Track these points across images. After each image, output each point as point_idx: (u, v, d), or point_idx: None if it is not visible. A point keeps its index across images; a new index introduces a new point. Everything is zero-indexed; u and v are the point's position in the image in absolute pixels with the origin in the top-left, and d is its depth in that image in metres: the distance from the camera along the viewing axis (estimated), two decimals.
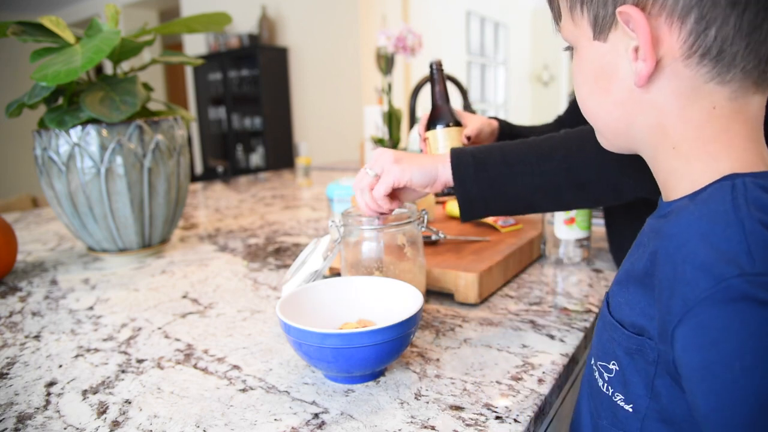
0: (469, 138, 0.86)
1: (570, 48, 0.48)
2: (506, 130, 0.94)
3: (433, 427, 0.48)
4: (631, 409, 0.42)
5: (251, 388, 0.57)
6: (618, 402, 0.44)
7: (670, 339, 0.36)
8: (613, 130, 0.46)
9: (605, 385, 0.46)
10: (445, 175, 0.64)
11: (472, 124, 0.88)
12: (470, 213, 0.65)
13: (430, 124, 0.82)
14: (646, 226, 0.45)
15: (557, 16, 0.48)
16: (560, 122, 1.03)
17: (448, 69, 0.86)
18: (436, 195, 0.82)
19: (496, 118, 0.95)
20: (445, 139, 0.83)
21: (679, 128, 0.40)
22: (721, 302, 0.32)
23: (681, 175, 0.42)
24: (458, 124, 0.85)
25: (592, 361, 0.49)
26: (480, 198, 0.63)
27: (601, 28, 0.41)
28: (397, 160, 0.64)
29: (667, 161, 0.42)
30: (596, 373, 0.48)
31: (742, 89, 0.38)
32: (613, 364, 0.44)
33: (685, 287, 0.34)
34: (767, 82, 0.39)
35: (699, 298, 0.33)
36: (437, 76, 0.84)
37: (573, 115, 1.01)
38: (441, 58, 0.86)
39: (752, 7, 0.35)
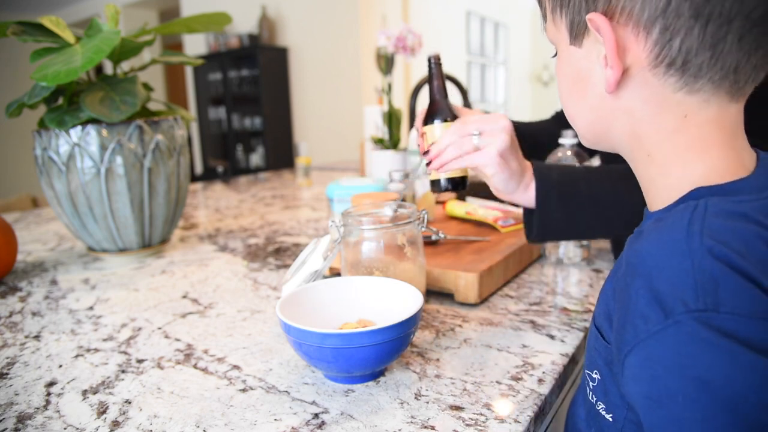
0: None
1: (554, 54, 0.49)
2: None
3: (433, 427, 0.48)
4: (611, 419, 0.42)
5: (251, 388, 0.57)
6: (600, 411, 0.44)
7: (621, 366, 0.36)
8: (592, 132, 0.46)
9: (590, 393, 0.46)
10: (525, 198, 0.68)
11: (464, 114, 0.86)
12: (542, 239, 0.70)
13: (428, 119, 0.81)
14: (629, 238, 0.45)
15: (544, 17, 0.48)
16: (558, 118, 1.02)
17: (448, 69, 0.83)
18: (433, 190, 0.81)
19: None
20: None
21: (653, 136, 0.41)
22: (667, 338, 0.33)
23: (658, 182, 0.42)
24: (456, 119, 0.84)
25: (584, 368, 0.49)
26: (558, 229, 0.67)
27: (576, 33, 0.42)
28: (501, 152, 0.65)
29: (645, 168, 0.43)
30: (585, 380, 0.48)
31: (715, 98, 0.38)
32: (596, 373, 0.44)
33: (638, 319, 0.35)
34: (741, 92, 0.38)
35: (649, 332, 0.34)
36: (435, 71, 0.82)
37: None
38: (439, 52, 0.84)
39: (714, 20, 0.35)
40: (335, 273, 0.88)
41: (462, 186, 0.76)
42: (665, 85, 0.38)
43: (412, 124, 1.49)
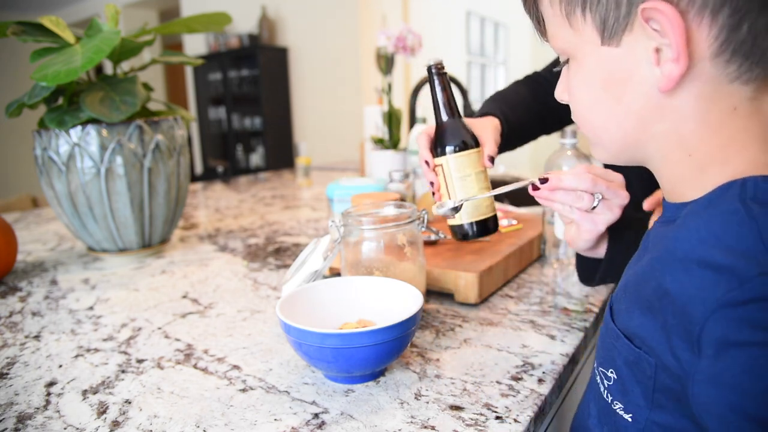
0: (492, 159, 0.68)
1: (563, 62, 0.45)
2: (506, 129, 0.81)
3: (433, 427, 0.48)
4: (630, 419, 0.41)
5: (251, 388, 0.57)
6: (617, 410, 0.43)
7: (697, 346, 0.34)
8: (621, 142, 0.43)
9: (605, 392, 0.45)
10: (589, 251, 0.61)
11: (490, 139, 0.70)
12: (599, 284, 0.65)
13: (438, 147, 0.65)
14: (651, 230, 0.44)
15: (541, 27, 0.46)
16: (533, 82, 0.92)
17: (448, 69, 0.69)
18: (456, 237, 0.66)
19: (492, 114, 0.81)
20: (460, 169, 0.64)
21: (698, 133, 0.38)
22: (747, 302, 0.31)
23: (692, 180, 0.40)
24: (474, 142, 0.66)
25: (596, 365, 0.48)
26: (617, 274, 0.63)
27: (613, 31, 0.38)
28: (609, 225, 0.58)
29: (679, 168, 0.40)
30: (598, 378, 0.47)
31: (762, 88, 0.37)
32: (612, 372, 0.43)
33: (704, 292, 0.33)
34: None
35: (722, 300, 0.32)
36: (438, 81, 0.65)
37: (553, 74, 0.91)
38: (441, 58, 0.67)
39: None
40: (335, 273, 0.88)
41: (493, 230, 0.65)
42: (722, 75, 0.36)
43: (412, 124, 1.48)
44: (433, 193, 0.65)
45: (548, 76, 0.91)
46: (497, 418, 0.50)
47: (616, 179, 0.56)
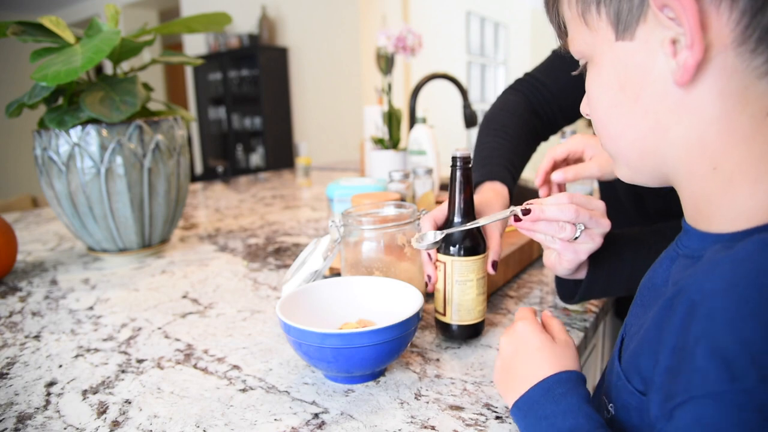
0: (495, 265, 0.64)
1: (582, 68, 0.43)
2: (513, 188, 0.76)
3: (433, 427, 0.48)
4: None
5: (251, 388, 0.57)
6: None
7: (668, 415, 0.31)
8: (640, 149, 0.39)
9: (606, 416, 0.43)
10: (581, 274, 0.60)
11: (495, 237, 0.65)
12: (578, 302, 0.65)
13: (447, 246, 0.61)
14: (675, 264, 0.40)
15: (561, 31, 0.44)
16: (530, 85, 0.90)
17: (447, 69, 0.73)
18: (443, 335, 0.65)
19: (499, 179, 0.74)
20: (463, 273, 0.61)
21: (723, 140, 0.34)
22: (727, 405, 0.28)
23: (719, 201, 0.35)
24: (482, 246, 0.62)
25: (603, 392, 0.45)
26: (596, 294, 0.62)
27: (626, 24, 0.36)
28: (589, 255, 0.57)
29: (704, 184, 0.36)
30: (603, 403, 0.44)
31: None
32: (611, 407, 0.41)
33: (694, 373, 0.29)
34: None
35: (705, 391, 0.29)
36: (460, 176, 0.60)
37: (546, 75, 0.89)
38: (469, 152, 0.61)
39: None
40: (335, 273, 0.88)
41: (476, 334, 0.64)
42: (748, 69, 0.32)
43: (412, 124, 1.48)
44: (426, 284, 0.64)
45: (540, 77, 0.89)
46: (497, 418, 0.50)
47: (598, 207, 0.55)
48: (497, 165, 0.76)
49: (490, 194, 0.70)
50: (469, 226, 0.59)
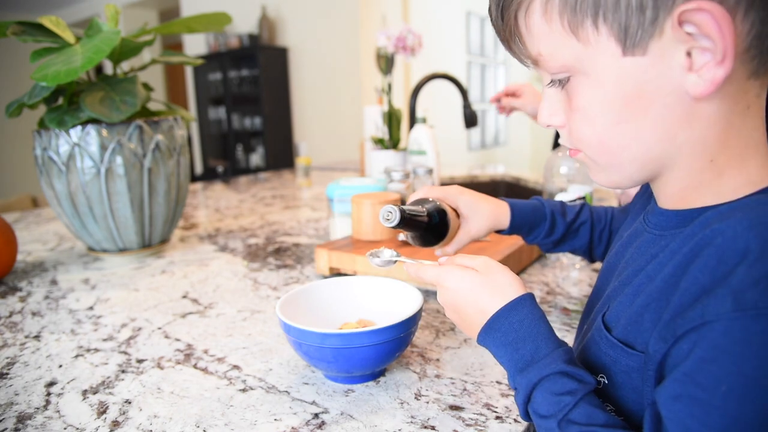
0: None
1: (555, 81, 0.41)
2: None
3: (433, 427, 0.48)
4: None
5: (251, 388, 0.57)
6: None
7: (673, 340, 0.33)
8: (643, 160, 0.39)
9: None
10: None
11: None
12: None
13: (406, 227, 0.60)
14: (643, 240, 0.42)
15: (520, 49, 0.42)
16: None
17: (448, 69, 0.72)
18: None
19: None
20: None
21: (722, 136, 0.36)
22: (736, 328, 0.30)
23: (709, 187, 0.38)
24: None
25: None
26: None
27: (638, 39, 0.35)
28: None
29: (699, 175, 0.38)
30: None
31: (766, 82, 0.36)
32: (601, 377, 0.41)
33: (709, 298, 0.31)
34: None
35: (718, 314, 0.30)
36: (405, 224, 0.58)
37: None
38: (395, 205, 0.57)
39: None
40: (335, 273, 0.88)
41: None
42: (743, 72, 0.35)
43: (412, 124, 1.48)
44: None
45: None
46: (497, 418, 0.50)
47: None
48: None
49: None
50: (401, 258, 0.56)
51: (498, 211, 0.67)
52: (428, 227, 0.61)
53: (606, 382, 0.41)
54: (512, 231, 0.69)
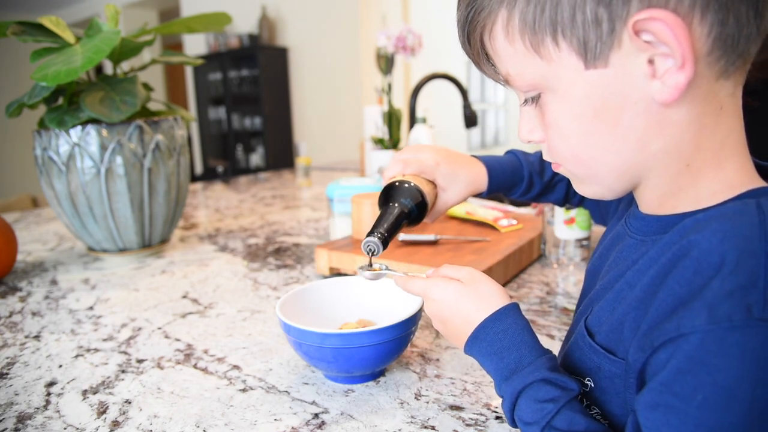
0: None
1: (528, 99, 0.42)
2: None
3: (433, 427, 0.48)
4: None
5: (251, 388, 0.57)
6: (595, 416, 0.42)
7: (651, 350, 0.33)
8: (619, 170, 0.40)
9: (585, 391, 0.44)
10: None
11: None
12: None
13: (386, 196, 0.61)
14: (626, 245, 0.43)
15: (492, 70, 0.43)
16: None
17: (447, 69, 0.75)
18: None
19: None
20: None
21: (696, 140, 0.36)
22: (713, 340, 0.30)
23: (687, 191, 0.38)
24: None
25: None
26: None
27: (598, 51, 0.35)
28: None
29: (676, 180, 0.38)
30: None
31: (739, 81, 0.36)
32: (588, 380, 0.42)
33: (685, 311, 0.31)
34: (747, 63, 0.36)
35: (695, 328, 0.31)
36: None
37: None
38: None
39: None
40: (335, 273, 0.88)
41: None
42: (711, 73, 0.35)
43: (412, 124, 1.49)
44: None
45: None
46: (497, 418, 0.50)
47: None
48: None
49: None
50: (390, 271, 0.56)
51: (476, 177, 0.69)
52: (410, 221, 0.61)
53: (593, 385, 0.42)
54: (489, 194, 0.71)
